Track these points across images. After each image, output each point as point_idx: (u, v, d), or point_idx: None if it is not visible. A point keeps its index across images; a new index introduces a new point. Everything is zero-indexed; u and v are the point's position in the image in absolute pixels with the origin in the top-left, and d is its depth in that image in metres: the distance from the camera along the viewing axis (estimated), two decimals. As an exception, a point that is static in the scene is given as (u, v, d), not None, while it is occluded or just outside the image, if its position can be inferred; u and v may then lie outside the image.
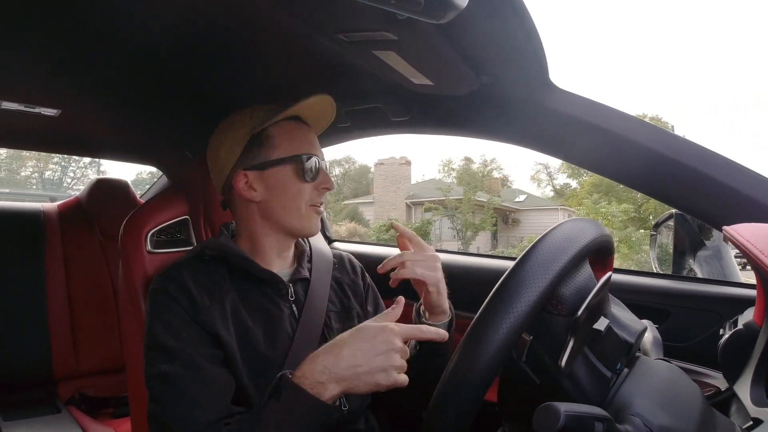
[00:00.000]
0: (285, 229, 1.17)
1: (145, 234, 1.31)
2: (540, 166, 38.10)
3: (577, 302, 0.72)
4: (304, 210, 1.15)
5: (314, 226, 1.18)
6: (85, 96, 1.71)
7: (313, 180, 1.15)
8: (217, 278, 1.12)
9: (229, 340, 1.05)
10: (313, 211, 1.16)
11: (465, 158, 32.35)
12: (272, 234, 1.17)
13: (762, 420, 0.67)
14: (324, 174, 1.17)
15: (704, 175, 1.02)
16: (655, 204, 23.17)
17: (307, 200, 1.15)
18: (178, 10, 1.14)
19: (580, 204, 23.05)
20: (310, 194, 1.15)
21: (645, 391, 0.70)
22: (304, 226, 1.16)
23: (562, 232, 0.73)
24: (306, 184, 1.14)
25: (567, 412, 0.58)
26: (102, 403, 2.16)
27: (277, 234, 1.17)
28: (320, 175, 1.16)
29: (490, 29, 1.00)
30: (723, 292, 1.21)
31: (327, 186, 1.17)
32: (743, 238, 0.69)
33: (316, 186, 1.16)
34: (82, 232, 2.34)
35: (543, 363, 0.72)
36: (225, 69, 1.45)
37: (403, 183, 25.97)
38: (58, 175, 35.30)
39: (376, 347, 0.87)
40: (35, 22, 1.17)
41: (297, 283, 1.19)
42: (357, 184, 39.77)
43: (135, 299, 1.27)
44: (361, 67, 1.24)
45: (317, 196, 1.16)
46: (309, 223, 1.16)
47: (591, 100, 1.15)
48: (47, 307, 2.17)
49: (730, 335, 0.80)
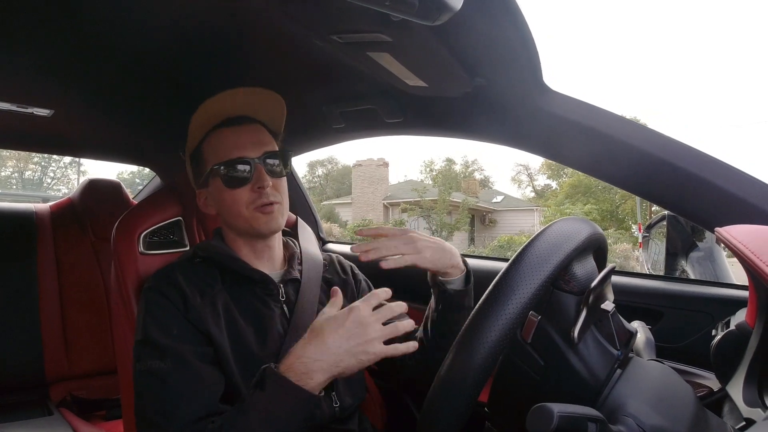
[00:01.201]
0: (243, 233, 1.18)
1: (137, 235, 1.30)
2: (520, 167, 38.40)
3: (587, 282, 0.74)
4: (247, 214, 1.13)
5: (264, 226, 1.14)
6: (78, 96, 1.70)
7: (246, 183, 1.13)
8: (209, 279, 1.13)
9: (220, 340, 1.06)
10: (257, 212, 1.13)
11: (446, 159, 32.45)
12: (239, 238, 1.19)
13: (754, 420, 0.67)
14: (257, 173, 1.13)
15: (696, 177, 1.02)
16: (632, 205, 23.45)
17: (246, 204, 1.13)
18: (172, 12, 1.13)
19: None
20: (248, 197, 1.13)
21: (638, 391, 0.71)
22: (254, 228, 1.15)
23: (552, 233, 0.74)
24: (238, 189, 1.13)
25: (560, 412, 0.58)
26: (94, 405, 2.14)
27: (242, 238, 1.19)
28: (253, 175, 1.13)
29: (484, 31, 1.00)
30: (715, 294, 1.21)
31: (261, 185, 1.12)
32: (735, 239, 0.70)
33: (252, 188, 1.13)
34: (74, 233, 2.32)
35: (551, 341, 0.74)
36: (218, 70, 1.45)
37: (381, 184, 26.05)
38: (39, 175, 35.16)
39: (349, 329, 0.91)
40: (28, 22, 1.16)
41: (288, 284, 1.20)
42: (339, 185, 39.76)
43: (127, 300, 1.26)
44: (355, 69, 1.24)
45: (258, 197, 1.13)
46: (257, 224, 1.14)
47: (584, 103, 1.16)
48: (39, 308, 2.16)
49: (723, 336, 0.80)
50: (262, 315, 1.13)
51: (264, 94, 1.18)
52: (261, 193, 1.13)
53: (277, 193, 1.15)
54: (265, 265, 1.20)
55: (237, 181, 1.13)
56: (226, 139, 1.15)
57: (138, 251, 1.29)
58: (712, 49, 61.12)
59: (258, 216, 1.13)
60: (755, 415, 0.68)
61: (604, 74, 64.37)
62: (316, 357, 0.90)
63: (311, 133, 1.80)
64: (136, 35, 1.24)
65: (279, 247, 1.25)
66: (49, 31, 1.21)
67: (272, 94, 1.18)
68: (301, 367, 0.90)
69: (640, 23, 62.18)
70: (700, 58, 61.44)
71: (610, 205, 26.82)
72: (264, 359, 1.08)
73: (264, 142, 1.17)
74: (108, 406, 2.14)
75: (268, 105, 1.20)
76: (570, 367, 0.72)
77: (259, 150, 1.15)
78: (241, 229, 1.17)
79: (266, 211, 1.14)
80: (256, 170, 1.13)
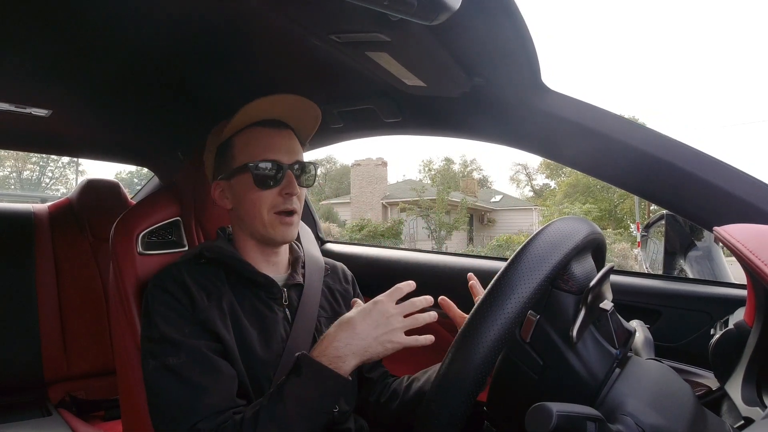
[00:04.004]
0: (255, 236, 1.17)
1: (136, 235, 1.30)
2: (519, 167, 38.50)
3: (585, 281, 0.74)
4: (267, 217, 1.13)
5: (280, 235, 1.15)
6: (76, 97, 1.69)
7: (275, 186, 1.13)
8: (214, 280, 1.13)
9: (228, 339, 1.06)
10: (277, 219, 1.13)
11: (445, 159, 32.49)
12: (249, 240, 1.19)
13: (753, 419, 0.67)
14: (288, 179, 1.13)
15: (695, 176, 1.02)
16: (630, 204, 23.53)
17: (269, 207, 1.13)
18: (171, 12, 1.13)
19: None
20: (272, 201, 1.13)
21: (636, 391, 0.71)
22: (269, 234, 1.15)
23: (551, 233, 0.74)
24: (265, 191, 1.12)
25: (559, 412, 0.58)
26: (93, 406, 2.14)
27: (252, 240, 1.18)
28: (284, 180, 1.13)
29: (482, 31, 1.00)
30: (714, 293, 1.21)
31: (289, 191, 1.12)
32: (734, 238, 0.70)
33: (279, 192, 1.13)
34: (72, 233, 2.32)
35: (550, 340, 0.74)
36: (217, 70, 1.45)
37: (380, 183, 26.07)
38: (37, 175, 35.13)
39: (376, 319, 0.98)
40: (27, 22, 1.16)
41: (291, 289, 1.20)
42: (338, 184, 39.75)
43: (126, 301, 1.26)
44: (353, 69, 1.24)
45: (282, 202, 1.13)
46: (274, 231, 1.14)
47: (583, 102, 1.16)
48: (38, 309, 2.15)
49: (721, 335, 0.80)
50: (266, 317, 1.14)
51: (306, 104, 1.17)
52: (287, 199, 1.13)
53: (298, 202, 1.16)
54: (270, 269, 1.20)
55: (267, 182, 1.12)
56: (262, 139, 1.15)
57: (136, 251, 1.29)
58: (712, 49, 61.26)
59: (276, 223, 1.14)
60: (754, 414, 0.68)
61: (604, 74, 64.48)
62: (348, 341, 0.96)
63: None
64: (134, 35, 1.24)
65: (286, 251, 1.26)
66: (47, 31, 1.21)
67: (313, 105, 1.18)
68: (334, 351, 0.96)
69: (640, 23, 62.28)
70: (700, 58, 61.58)
71: (608, 205, 26.93)
72: (267, 361, 1.10)
73: (296, 150, 1.17)
74: (107, 407, 2.14)
75: (307, 115, 1.20)
76: (569, 367, 0.72)
77: (292, 157, 1.15)
78: (256, 231, 1.16)
79: (286, 222, 1.14)
80: (287, 176, 1.13)
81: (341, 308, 1.28)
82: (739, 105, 57.40)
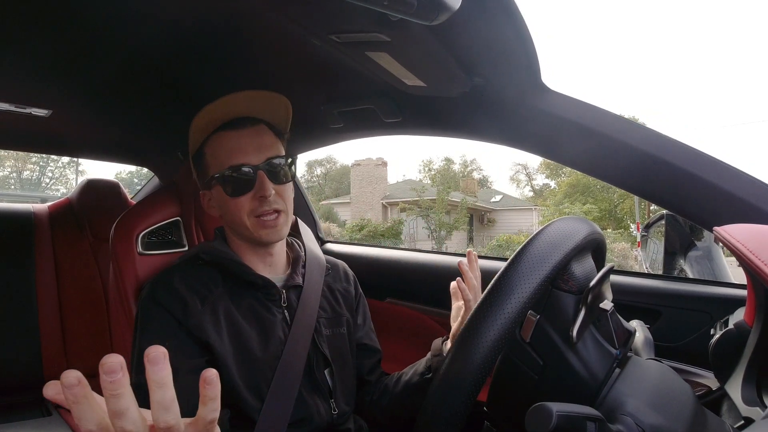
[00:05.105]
0: (245, 239, 1.16)
1: (136, 235, 1.30)
2: (519, 167, 38.55)
3: (585, 281, 0.75)
4: (248, 222, 1.10)
5: (266, 236, 1.11)
6: (76, 97, 1.69)
7: (249, 190, 1.09)
8: (209, 283, 1.12)
9: (220, 346, 1.05)
10: (258, 223, 1.10)
11: (445, 159, 32.55)
12: (243, 243, 1.17)
13: (753, 419, 0.67)
14: (259, 180, 1.09)
15: (695, 176, 1.02)
16: (630, 204, 23.54)
17: (248, 212, 1.10)
18: (171, 12, 1.13)
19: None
20: (249, 206, 1.10)
21: (636, 391, 0.71)
22: (255, 237, 1.12)
23: (551, 233, 0.74)
24: (240, 197, 1.09)
25: (559, 412, 0.58)
26: (93, 405, 2.13)
27: (245, 243, 1.17)
28: (256, 183, 1.09)
29: (482, 31, 1.00)
30: (714, 293, 1.21)
31: (262, 194, 1.08)
32: (734, 238, 0.70)
33: (254, 196, 1.09)
34: (72, 233, 2.31)
35: (550, 340, 0.74)
36: (217, 70, 1.45)
37: (380, 183, 26.13)
38: (37, 175, 35.16)
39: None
40: (26, 22, 1.16)
41: (290, 290, 1.19)
42: (338, 184, 39.79)
43: (126, 301, 1.26)
44: (353, 69, 1.24)
45: (259, 205, 1.09)
46: (258, 234, 1.11)
47: (583, 102, 1.16)
48: (37, 309, 2.15)
49: (721, 335, 0.80)
50: (265, 319, 1.12)
51: (266, 96, 1.15)
52: (263, 201, 1.09)
53: (280, 200, 1.11)
54: (268, 270, 1.19)
55: (238, 189, 1.09)
56: (227, 143, 1.11)
57: (136, 251, 1.29)
58: (712, 49, 61.23)
59: (259, 227, 1.11)
60: (754, 413, 0.68)
61: (604, 74, 64.45)
62: None
63: (310, 133, 1.80)
64: (134, 35, 1.24)
65: (282, 251, 1.24)
66: (47, 31, 1.20)
67: (275, 95, 1.15)
68: None
69: (640, 23, 62.26)
70: (700, 58, 61.55)
71: (608, 205, 26.93)
72: (266, 362, 1.09)
73: (266, 146, 1.12)
74: (106, 407, 2.13)
75: (271, 105, 1.17)
76: (569, 367, 0.72)
77: (261, 155, 1.10)
78: (243, 236, 1.15)
79: (268, 224, 1.10)
80: (258, 178, 1.09)
81: (341, 308, 1.28)
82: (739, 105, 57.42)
